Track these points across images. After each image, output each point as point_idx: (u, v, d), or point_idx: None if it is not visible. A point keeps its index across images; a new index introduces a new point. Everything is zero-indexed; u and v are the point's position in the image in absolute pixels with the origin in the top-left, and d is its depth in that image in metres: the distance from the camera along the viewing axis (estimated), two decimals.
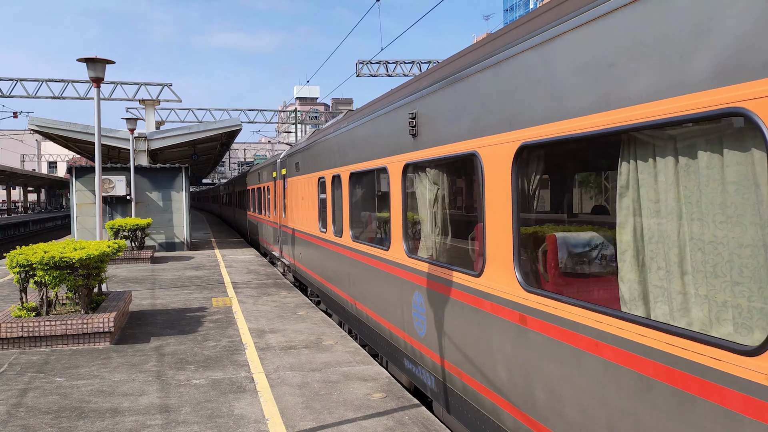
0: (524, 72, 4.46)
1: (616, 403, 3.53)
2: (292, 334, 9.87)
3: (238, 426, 6.00)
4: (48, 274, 8.96)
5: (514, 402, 4.68)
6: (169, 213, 24.71)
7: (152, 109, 31.98)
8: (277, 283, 15.68)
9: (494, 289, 4.95)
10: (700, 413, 2.96)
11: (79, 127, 26.15)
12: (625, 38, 3.43)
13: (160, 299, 13.31)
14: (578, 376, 3.87)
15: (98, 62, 11.55)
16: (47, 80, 34.15)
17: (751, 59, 2.71)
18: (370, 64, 37.35)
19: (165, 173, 24.78)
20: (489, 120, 4.99)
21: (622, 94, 3.45)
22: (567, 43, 3.95)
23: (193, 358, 8.47)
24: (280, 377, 7.58)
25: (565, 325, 3.99)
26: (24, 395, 6.95)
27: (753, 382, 2.71)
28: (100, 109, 12.34)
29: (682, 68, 3.05)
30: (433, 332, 6.24)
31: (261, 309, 12.09)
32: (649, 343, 3.25)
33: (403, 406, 6.51)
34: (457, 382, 5.71)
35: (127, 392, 7.05)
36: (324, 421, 6.11)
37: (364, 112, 8.95)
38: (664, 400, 3.17)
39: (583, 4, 3.82)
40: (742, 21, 2.75)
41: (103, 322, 9.16)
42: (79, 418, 6.23)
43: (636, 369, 3.35)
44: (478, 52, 5.28)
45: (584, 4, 3.81)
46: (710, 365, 2.91)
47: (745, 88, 2.73)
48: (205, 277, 16.74)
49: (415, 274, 6.76)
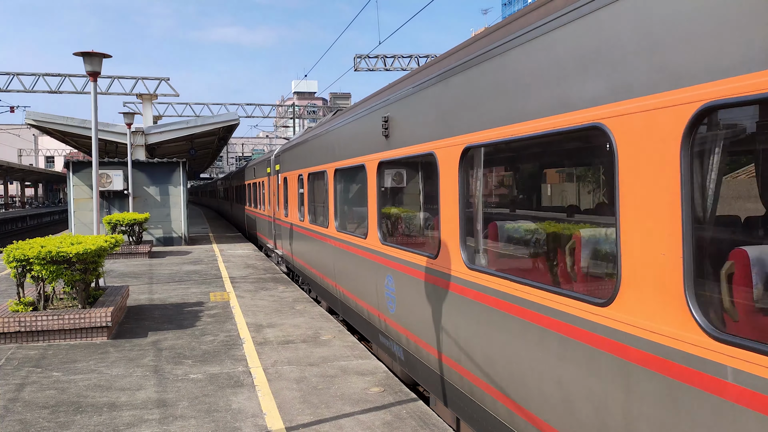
0: (462, 86, 5.46)
1: (524, 346, 4.61)
2: (289, 329, 9.88)
3: (236, 420, 6.00)
4: (45, 268, 8.94)
5: (457, 359, 5.62)
6: (167, 208, 24.68)
7: (149, 104, 31.89)
8: (275, 277, 15.68)
9: (446, 267, 5.87)
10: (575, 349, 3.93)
11: (76, 121, 26.06)
12: (519, 74, 4.53)
13: (158, 294, 13.30)
14: (501, 332, 4.86)
15: (95, 56, 11.50)
16: (44, 74, 34.02)
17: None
18: (368, 58, 37.26)
19: (162, 168, 24.73)
20: (443, 125, 5.90)
21: (523, 110, 4.46)
22: (484, 70, 5.03)
23: (190, 353, 8.47)
24: (277, 372, 7.58)
25: (497, 295, 4.94)
26: (21, 390, 6.95)
27: (602, 325, 3.68)
28: (97, 103, 12.29)
29: (562, 92, 4.00)
30: (401, 309, 7.21)
31: (259, 303, 12.09)
32: (544, 303, 4.27)
33: (401, 400, 6.51)
34: (419, 350, 6.67)
35: (124, 387, 7.05)
36: (322, 416, 6.11)
37: (348, 113, 9.85)
38: (552, 341, 4.19)
39: (492, 42, 4.96)
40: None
41: (101, 316, 9.16)
42: (77, 413, 6.23)
43: (536, 322, 4.38)
44: (434, 68, 6.25)
45: (494, 41, 4.93)
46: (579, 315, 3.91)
47: (603, 108, 3.63)
48: (202, 272, 16.73)
49: (387, 258, 7.63)
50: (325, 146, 11.14)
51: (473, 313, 5.31)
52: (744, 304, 3.16)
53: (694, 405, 2.97)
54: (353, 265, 9.26)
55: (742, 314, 3.16)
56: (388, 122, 7.41)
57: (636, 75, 3.37)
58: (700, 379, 2.94)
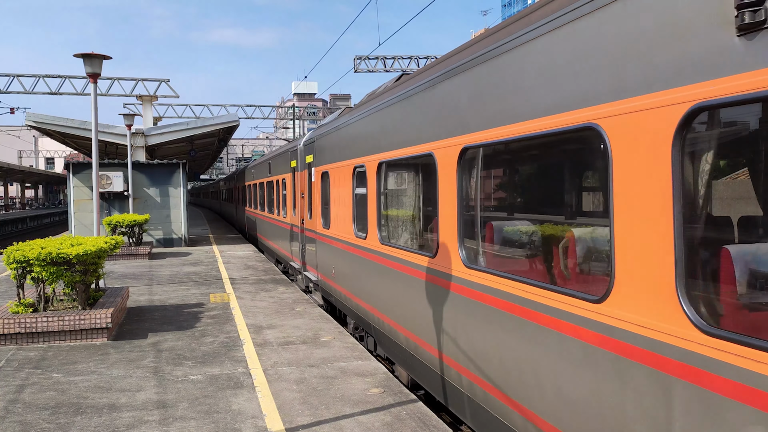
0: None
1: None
2: (289, 330, 9.88)
3: (236, 421, 6.01)
4: (45, 270, 8.95)
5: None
6: (167, 209, 24.69)
7: (149, 105, 31.92)
8: (275, 279, 15.68)
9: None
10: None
11: (76, 123, 26.08)
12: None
13: (158, 295, 13.31)
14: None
15: (95, 58, 11.51)
16: (44, 76, 34.03)
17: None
18: (368, 59, 37.30)
19: (162, 169, 24.73)
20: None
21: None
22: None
23: (190, 354, 8.47)
24: (277, 373, 7.59)
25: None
26: (21, 391, 6.95)
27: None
28: (97, 104, 12.31)
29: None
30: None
31: (259, 305, 12.09)
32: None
33: (401, 402, 6.52)
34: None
35: (124, 388, 7.05)
36: (321, 417, 6.12)
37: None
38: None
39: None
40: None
41: (101, 318, 9.16)
42: (77, 414, 6.24)
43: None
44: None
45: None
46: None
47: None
48: (202, 273, 16.74)
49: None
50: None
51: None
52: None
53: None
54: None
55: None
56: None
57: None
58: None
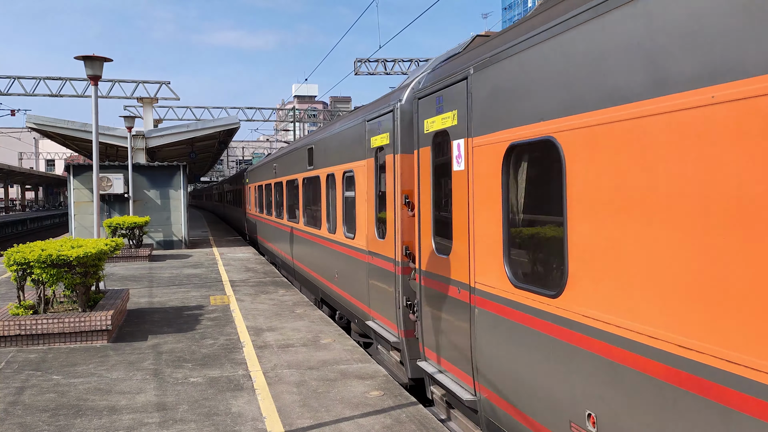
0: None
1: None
2: (289, 332, 9.88)
3: (236, 424, 6.00)
4: (45, 272, 8.95)
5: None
6: (167, 211, 24.68)
7: (150, 107, 31.92)
8: (275, 281, 15.68)
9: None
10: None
11: (77, 125, 26.10)
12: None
13: (158, 297, 13.30)
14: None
15: (96, 60, 11.53)
16: (45, 78, 34.07)
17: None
18: (369, 62, 37.34)
19: (163, 171, 24.74)
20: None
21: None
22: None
23: (190, 356, 8.47)
24: (277, 375, 7.58)
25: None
26: (21, 393, 6.95)
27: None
28: (97, 107, 12.32)
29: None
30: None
31: (259, 307, 12.09)
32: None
33: (401, 404, 6.51)
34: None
35: (124, 390, 7.05)
36: (321, 419, 6.11)
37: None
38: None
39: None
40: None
41: (101, 320, 9.16)
42: (77, 416, 6.23)
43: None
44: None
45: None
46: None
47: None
48: (203, 275, 16.74)
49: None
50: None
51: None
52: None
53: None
54: None
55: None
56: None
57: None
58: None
